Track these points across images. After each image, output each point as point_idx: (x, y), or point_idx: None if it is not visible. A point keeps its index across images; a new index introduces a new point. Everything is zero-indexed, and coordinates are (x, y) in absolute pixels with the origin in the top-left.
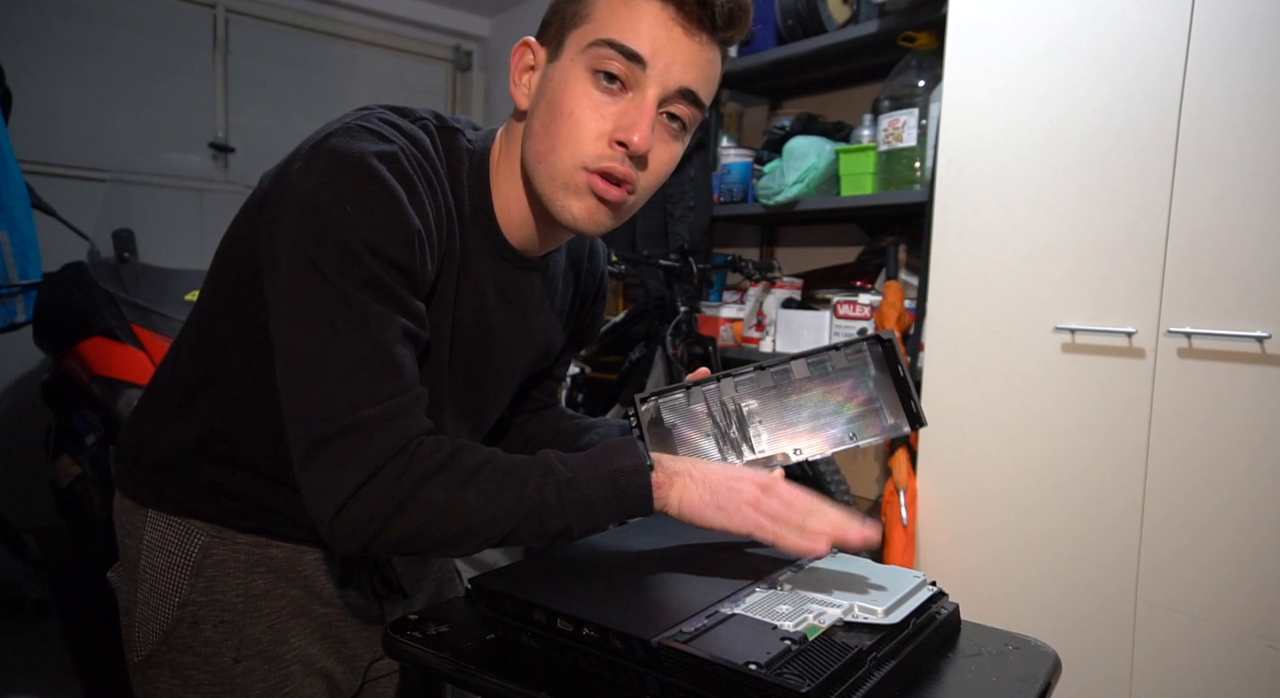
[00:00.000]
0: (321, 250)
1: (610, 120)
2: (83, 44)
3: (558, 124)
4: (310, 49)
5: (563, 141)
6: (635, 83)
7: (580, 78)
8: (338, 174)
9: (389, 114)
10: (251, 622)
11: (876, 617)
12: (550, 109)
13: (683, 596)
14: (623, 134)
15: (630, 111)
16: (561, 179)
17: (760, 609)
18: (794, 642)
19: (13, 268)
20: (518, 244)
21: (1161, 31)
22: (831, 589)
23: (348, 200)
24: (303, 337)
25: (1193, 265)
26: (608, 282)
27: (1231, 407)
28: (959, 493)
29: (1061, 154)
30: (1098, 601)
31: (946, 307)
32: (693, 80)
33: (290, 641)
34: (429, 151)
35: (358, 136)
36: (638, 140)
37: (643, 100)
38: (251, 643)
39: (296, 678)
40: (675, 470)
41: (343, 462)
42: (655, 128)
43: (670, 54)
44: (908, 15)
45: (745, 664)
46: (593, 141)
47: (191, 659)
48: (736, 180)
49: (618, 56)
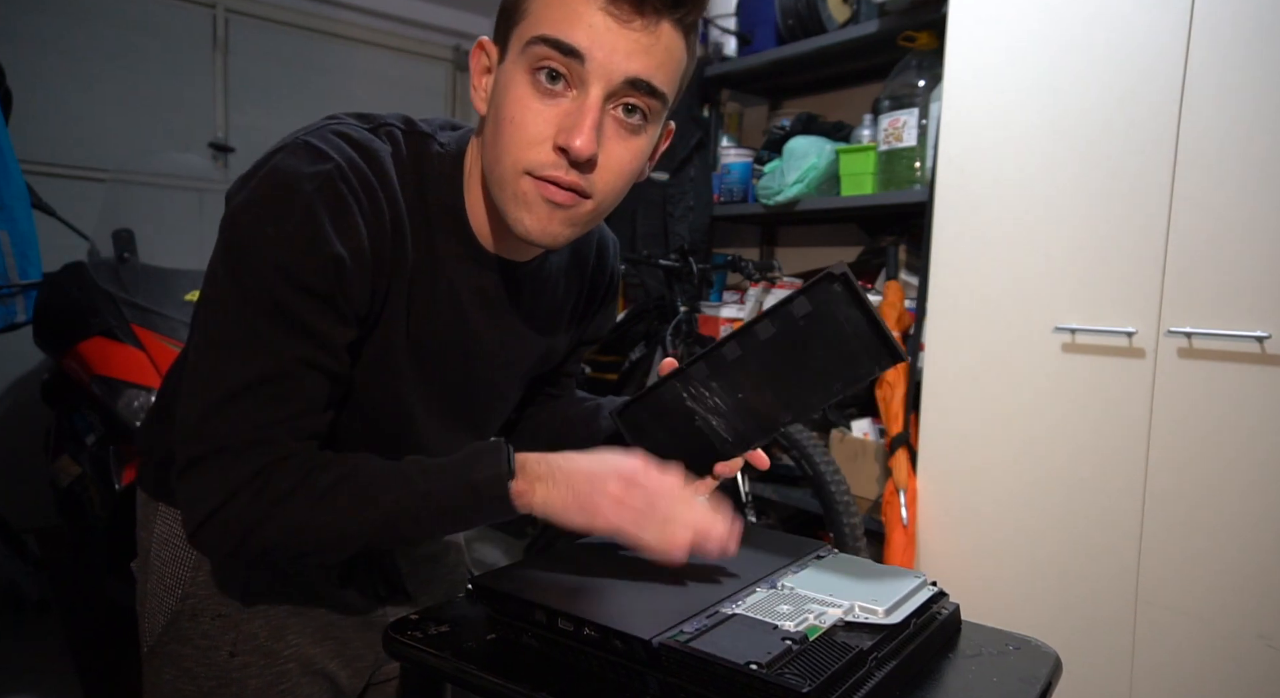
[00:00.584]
0: (234, 272)
1: (553, 123)
2: (83, 44)
3: (500, 131)
4: (310, 49)
5: (505, 149)
6: (578, 80)
7: (521, 80)
8: (265, 195)
9: (347, 125)
10: (249, 617)
11: (877, 617)
12: (495, 115)
13: (684, 596)
14: (563, 138)
15: (571, 113)
16: (510, 190)
17: (761, 609)
18: (794, 642)
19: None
20: (498, 249)
21: (1161, 31)
22: (832, 590)
23: (269, 222)
24: (201, 354)
25: (1193, 265)
26: (619, 277)
27: (1231, 407)
28: (959, 493)
29: (1062, 154)
30: (1098, 601)
31: (946, 307)
32: (642, 68)
33: (288, 638)
34: (381, 164)
35: (297, 156)
36: (579, 145)
37: (585, 99)
38: (248, 638)
39: (293, 676)
40: (537, 475)
41: (207, 482)
42: (607, 126)
43: (611, 44)
44: (908, 15)
45: (746, 664)
46: (535, 148)
47: (190, 652)
48: (736, 180)
49: (553, 53)
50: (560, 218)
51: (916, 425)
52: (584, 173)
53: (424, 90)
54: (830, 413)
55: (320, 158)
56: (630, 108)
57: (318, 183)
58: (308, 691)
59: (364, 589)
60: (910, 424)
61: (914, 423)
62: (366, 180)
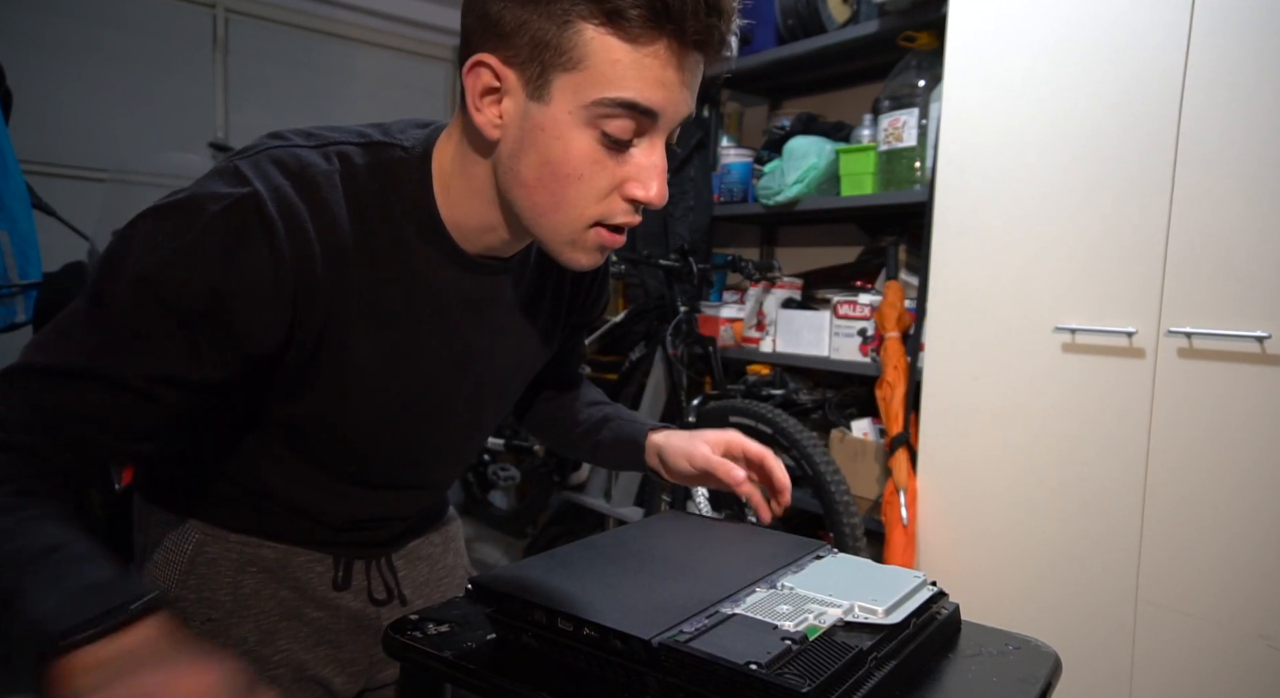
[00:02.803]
0: (101, 271)
1: (620, 173)
2: (83, 44)
3: (561, 185)
4: (310, 49)
5: (570, 203)
6: (644, 131)
7: (583, 137)
8: (168, 209)
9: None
10: (238, 621)
11: (877, 617)
12: (547, 165)
13: (683, 596)
14: (640, 191)
15: (643, 165)
16: (568, 237)
17: (761, 609)
18: (794, 642)
19: (13, 268)
20: (477, 250)
21: (1161, 31)
22: (832, 589)
23: (159, 235)
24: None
25: (1193, 265)
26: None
27: (1231, 407)
28: (959, 493)
29: (1062, 154)
30: (1098, 601)
31: (946, 307)
32: (692, 105)
33: (278, 643)
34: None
35: (221, 178)
36: (658, 198)
37: (653, 152)
38: (237, 643)
39: (284, 682)
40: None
41: None
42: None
43: (679, 94)
44: (908, 15)
45: (746, 664)
46: (604, 201)
47: None
48: (736, 180)
49: (630, 117)
50: (610, 251)
51: (916, 425)
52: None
53: (424, 90)
54: (830, 413)
55: (240, 183)
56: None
57: (224, 207)
58: (300, 697)
59: (359, 593)
60: (910, 424)
61: (914, 423)
62: (290, 207)
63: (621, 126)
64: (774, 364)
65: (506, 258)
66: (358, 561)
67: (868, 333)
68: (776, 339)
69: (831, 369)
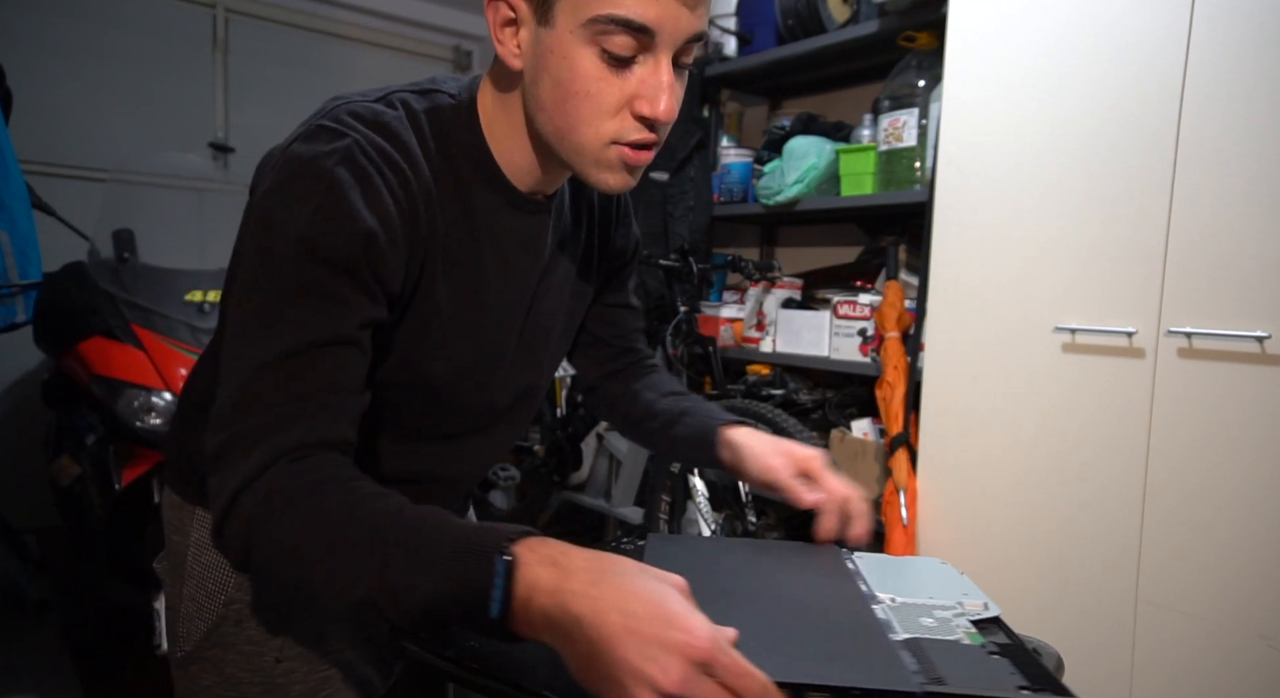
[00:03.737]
0: (260, 253)
1: (628, 90)
2: (83, 44)
3: (573, 104)
4: (310, 49)
5: (584, 121)
6: (646, 48)
7: (586, 55)
8: (287, 178)
9: (354, 102)
10: (294, 622)
11: (984, 612)
12: (559, 86)
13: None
14: (647, 108)
15: (648, 81)
16: (591, 157)
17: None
18: (999, 654)
19: (13, 268)
20: (526, 189)
21: (1161, 31)
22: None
23: (294, 203)
24: (230, 343)
25: (1193, 265)
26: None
27: (1231, 407)
28: (959, 493)
29: (1062, 154)
30: (1098, 601)
31: (946, 307)
32: (698, 24)
33: (330, 643)
34: (396, 134)
35: (314, 139)
36: (665, 113)
37: (658, 68)
38: (293, 644)
39: (335, 682)
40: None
41: (223, 476)
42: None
43: (675, 10)
44: (908, 15)
45: (1019, 691)
46: (614, 117)
47: (235, 657)
48: (736, 180)
49: (625, 33)
50: (639, 171)
51: (916, 425)
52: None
53: None
54: (830, 413)
55: (337, 136)
56: (682, 63)
57: (339, 158)
58: (346, 696)
59: None
60: (910, 424)
61: (914, 423)
62: (385, 153)
63: (620, 43)
64: (774, 364)
65: (550, 195)
66: None
67: (868, 333)
68: (776, 339)
69: (831, 369)
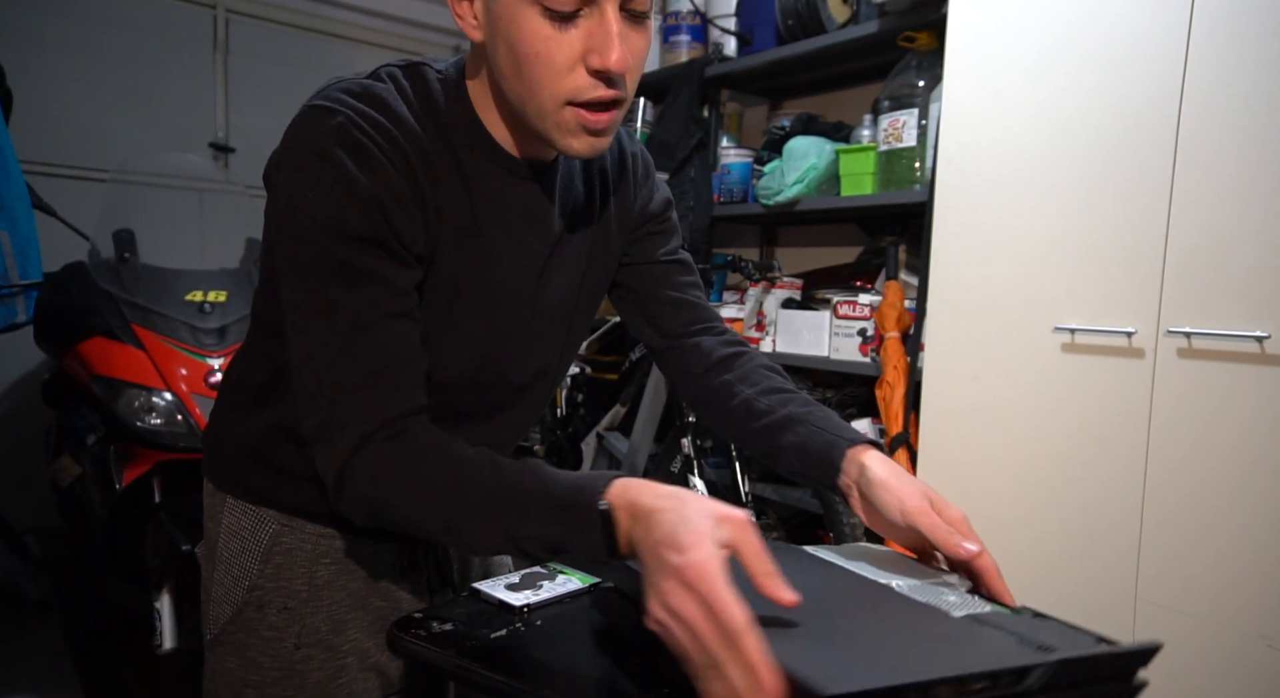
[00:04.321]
0: (290, 242)
1: (578, 46)
2: (83, 44)
3: (526, 67)
4: (310, 49)
5: (540, 84)
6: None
7: (530, 15)
8: (294, 163)
9: (344, 80)
10: (313, 610)
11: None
12: (511, 51)
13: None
14: (597, 61)
15: (595, 33)
16: (552, 120)
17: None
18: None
19: (13, 268)
20: (524, 154)
21: (1161, 31)
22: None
23: (307, 187)
24: (289, 326)
25: (1193, 265)
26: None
27: (1231, 407)
28: (959, 493)
29: (1061, 154)
30: (1098, 601)
31: (946, 307)
32: None
33: (348, 633)
34: (387, 105)
35: (311, 119)
36: (616, 63)
37: (603, 18)
38: (312, 631)
39: (352, 670)
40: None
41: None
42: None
43: None
44: (908, 15)
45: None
46: (568, 77)
47: (256, 642)
48: (736, 180)
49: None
50: (606, 135)
51: (916, 425)
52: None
53: None
54: None
55: (330, 114)
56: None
57: (334, 135)
58: (363, 685)
59: (418, 582)
60: (910, 424)
61: (914, 423)
62: (377, 123)
63: (557, 2)
64: None
65: (549, 161)
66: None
67: (868, 333)
68: (776, 339)
69: (831, 369)
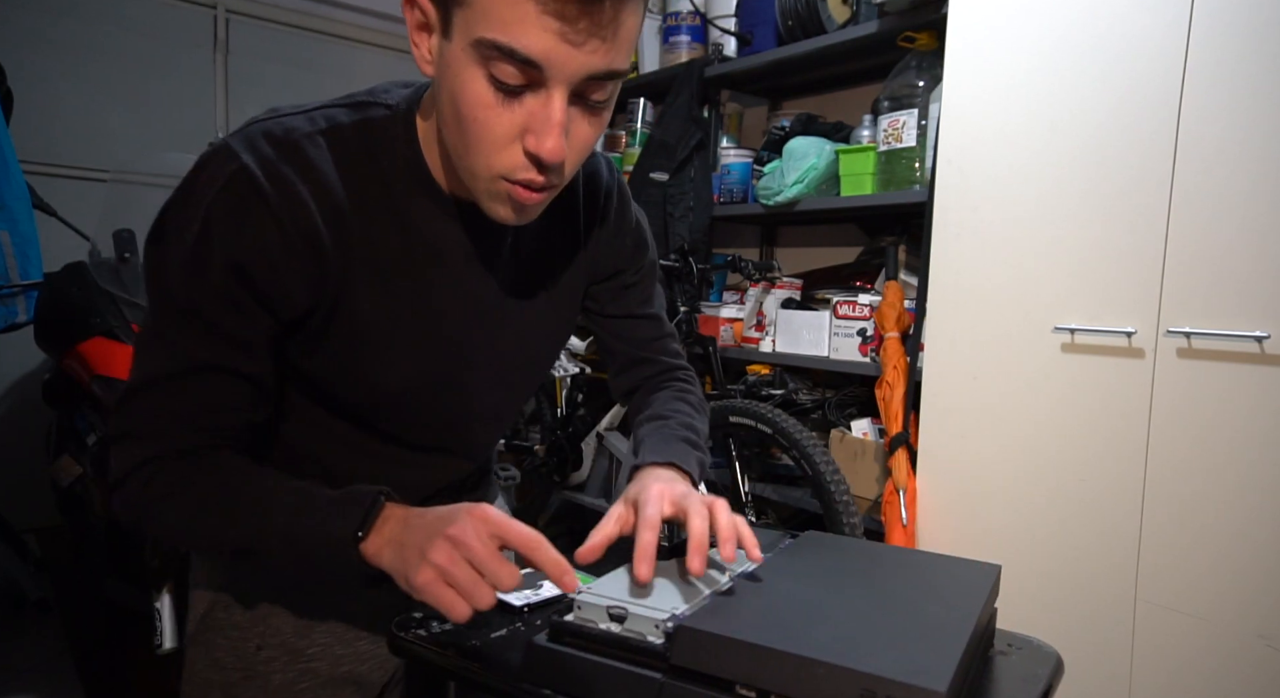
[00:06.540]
0: (152, 267)
1: (519, 122)
2: (83, 44)
3: (464, 128)
4: (310, 49)
5: (474, 149)
6: (537, 81)
7: (475, 77)
8: (179, 199)
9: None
10: (276, 612)
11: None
12: (453, 104)
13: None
14: (532, 144)
15: (537, 115)
16: (483, 185)
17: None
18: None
19: (13, 268)
20: (468, 196)
21: (1161, 31)
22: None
23: (177, 228)
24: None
25: (1193, 265)
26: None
27: (1231, 407)
28: (959, 493)
29: (1061, 154)
30: (1098, 601)
31: (946, 307)
32: (601, 63)
33: (315, 636)
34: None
35: (212, 161)
36: (549, 153)
37: (548, 102)
38: (275, 632)
39: (319, 674)
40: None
41: (115, 463)
42: (571, 115)
43: (566, 52)
44: (908, 15)
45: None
46: (504, 151)
47: (222, 641)
48: (736, 180)
49: (510, 63)
50: (533, 211)
51: (916, 425)
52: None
53: None
54: (830, 413)
55: (229, 159)
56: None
57: (220, 187)
58: (331, 691)
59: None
60: (910, 424)
61: (914, 423)
62: (278, 173)
63: (507, 72)
64: (774, 364)
65: None
66: None
67: (867, 333)
68: (776, 339)
69: (831, 369)
